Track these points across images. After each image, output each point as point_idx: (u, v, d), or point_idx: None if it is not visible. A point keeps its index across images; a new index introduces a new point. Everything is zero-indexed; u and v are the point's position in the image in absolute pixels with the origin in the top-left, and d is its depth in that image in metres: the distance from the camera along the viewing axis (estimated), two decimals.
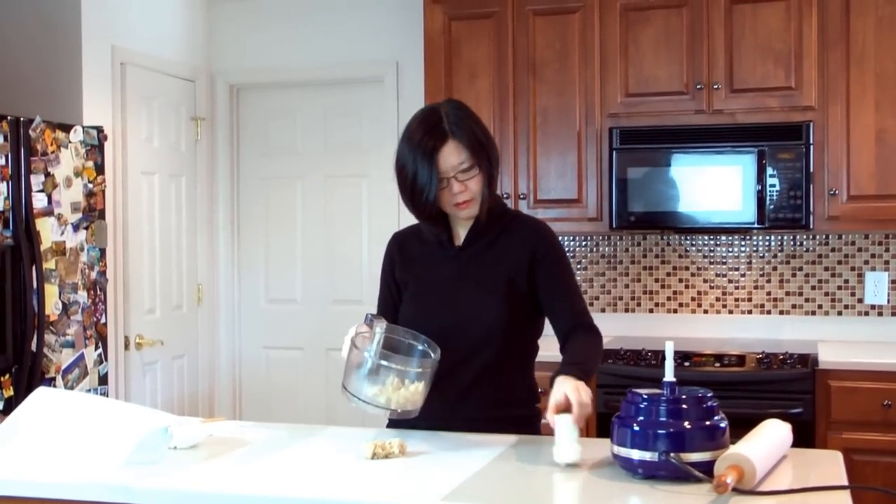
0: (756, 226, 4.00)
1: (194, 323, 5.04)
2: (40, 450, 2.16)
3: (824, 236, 4.29)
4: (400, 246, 2.56)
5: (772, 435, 2.01)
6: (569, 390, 2.08)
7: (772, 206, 3.95)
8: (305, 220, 5.14)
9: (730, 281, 4.42)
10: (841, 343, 4.13)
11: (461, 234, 2.47)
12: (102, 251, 3.94)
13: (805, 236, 4.31)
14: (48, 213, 3.65)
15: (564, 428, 2.00)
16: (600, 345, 2.44)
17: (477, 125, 2.39)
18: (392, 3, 4.87)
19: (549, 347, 2.52)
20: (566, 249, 4.58)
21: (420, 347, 2.27)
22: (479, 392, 2.39)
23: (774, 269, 4.37)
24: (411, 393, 2.18)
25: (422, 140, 2.32)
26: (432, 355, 2.24)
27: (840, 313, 4.29)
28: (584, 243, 4.59)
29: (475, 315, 2.38)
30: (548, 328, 2.48)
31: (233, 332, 5.22)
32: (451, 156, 2.32)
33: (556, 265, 2.44)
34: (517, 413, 2.45)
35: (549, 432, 2.07)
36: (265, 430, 2.44)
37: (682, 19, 4.11)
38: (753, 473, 1.79)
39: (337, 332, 5.66)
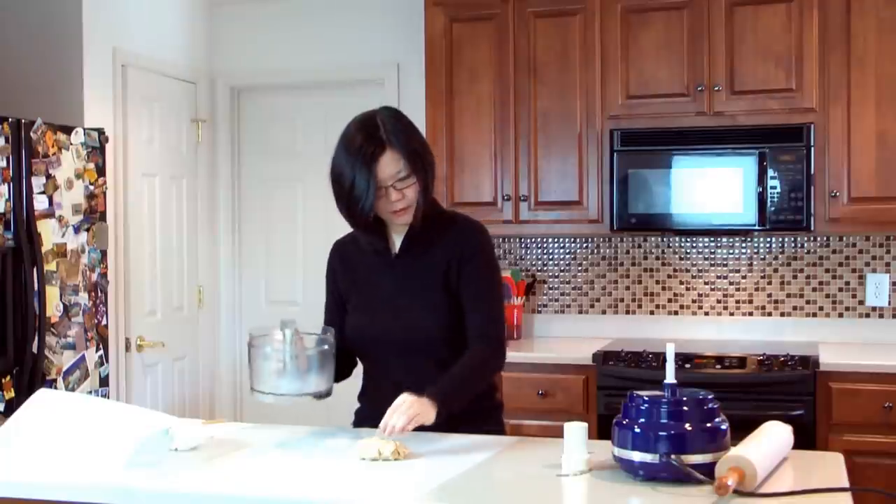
0: (757, 228, 4.00)
1: (195, 324, 5.04)
2: (41, 451, 2.16)
3: (825, 238, 4.29)
4: (340, 256, 2.56)
5: (773, 437, 2.01)
6: (397, 405, 2.17)
7: (773, 208, 3.95)
8: (306, 221, 5.14)
9: (731, 283, 4.42)
10: (842, 345, 4.13)
11: (397, 241, 2.47)
12: (103, 253, 3.94)
13: (806, 238, 4.31)
14: (49, 214, 3.65)
15: (575, 436, 1.99)
16: (483, 369, 2.40)
17: (413, 133, 2.39)
18: (393, 5, 4.87)
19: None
20: (568, 251, 4.59)
21: (316, 336, 2.38)
22: None
23: (775, 270, 4.37)
24: (315, 376, 2.33)
25: (360, 148, 2.31)
26: (328, 336, 2.37)
27: (841, 315, 4.29)
28: (584, 245, 4.59)
29: (416, 325, 2.39)
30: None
31: (234, 333, 5.22)
32: (389, 165, 2.31)
33: (474, 270, 2.41)
34: (477, 406, 2.43)
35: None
36: (266, 432, 2.45)
37: (683, 21, 4.11)
38: (754, 475, 1.79)
39: None
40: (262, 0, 5.08)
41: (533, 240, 4.62)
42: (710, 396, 1.94)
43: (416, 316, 2.40)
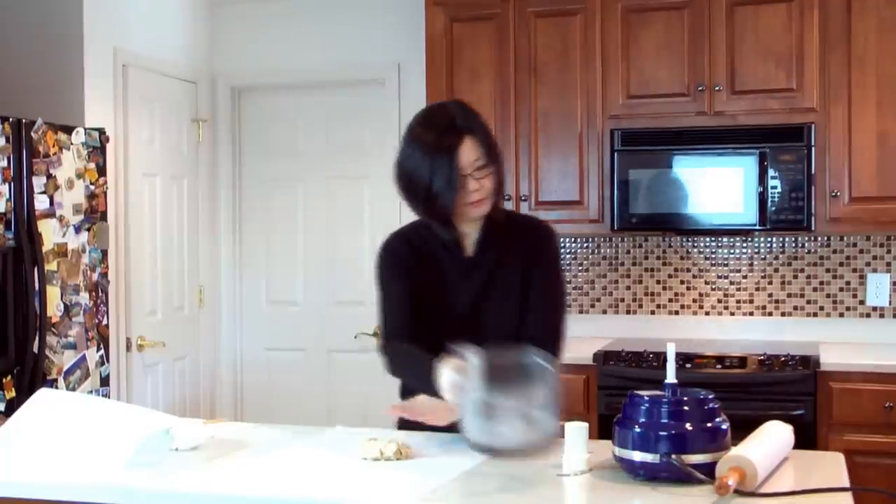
0: (758, 227, 4.00)
1: (196, 324, 5.04)
2: (42, 451, 2.16)
3: (826, 238, 4.29)
4: (409, 245, 2.44)
5: (773, 437, 2.01)
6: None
7: (773, 208, 3.95)
8: (307, 221, 5.14)
9: (731, 283, 4.41)
10: (842, 345, 4.13)
11: (470, 237, 2.42)
12: (104, 253, 3.95)
13: (807, 238, 4.30)
14: (50, 214, 3.65)
15: (575, 436, 1.99)
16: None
17: (486, 125, 2.37)
18: (393, 4, 4.87)
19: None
20: (568, 251, 4.59)
21: (530, 363, 2.07)
22: None
23: (776, 270, 4.37)
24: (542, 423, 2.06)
25: (439, 140, 2.26)
26: (549, 367, 2.07)
27: (842, 315, 4.29)
28: (585, 245, 4.59)
29: (497, 333, 2.33)
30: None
31: (234, 333, 5.23)
32: (469, 152, 2.27)
33: (542, 275, 2.40)
34: None
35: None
36: (266, 432, 2.44)
37: (684, 21, 4.11)
38: (755, 475, 1.79)
39: (338, 333, 5.64)
40: (262, 0, 5.08)
41: None
42: (710, 396, 1.94)
43: (498, 323, 2.35)
